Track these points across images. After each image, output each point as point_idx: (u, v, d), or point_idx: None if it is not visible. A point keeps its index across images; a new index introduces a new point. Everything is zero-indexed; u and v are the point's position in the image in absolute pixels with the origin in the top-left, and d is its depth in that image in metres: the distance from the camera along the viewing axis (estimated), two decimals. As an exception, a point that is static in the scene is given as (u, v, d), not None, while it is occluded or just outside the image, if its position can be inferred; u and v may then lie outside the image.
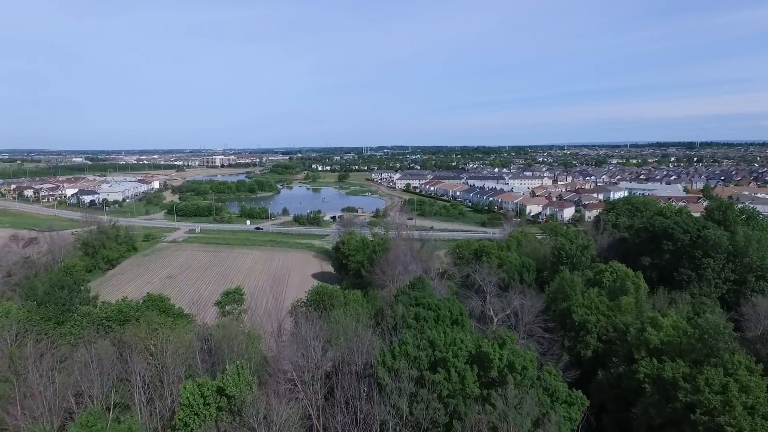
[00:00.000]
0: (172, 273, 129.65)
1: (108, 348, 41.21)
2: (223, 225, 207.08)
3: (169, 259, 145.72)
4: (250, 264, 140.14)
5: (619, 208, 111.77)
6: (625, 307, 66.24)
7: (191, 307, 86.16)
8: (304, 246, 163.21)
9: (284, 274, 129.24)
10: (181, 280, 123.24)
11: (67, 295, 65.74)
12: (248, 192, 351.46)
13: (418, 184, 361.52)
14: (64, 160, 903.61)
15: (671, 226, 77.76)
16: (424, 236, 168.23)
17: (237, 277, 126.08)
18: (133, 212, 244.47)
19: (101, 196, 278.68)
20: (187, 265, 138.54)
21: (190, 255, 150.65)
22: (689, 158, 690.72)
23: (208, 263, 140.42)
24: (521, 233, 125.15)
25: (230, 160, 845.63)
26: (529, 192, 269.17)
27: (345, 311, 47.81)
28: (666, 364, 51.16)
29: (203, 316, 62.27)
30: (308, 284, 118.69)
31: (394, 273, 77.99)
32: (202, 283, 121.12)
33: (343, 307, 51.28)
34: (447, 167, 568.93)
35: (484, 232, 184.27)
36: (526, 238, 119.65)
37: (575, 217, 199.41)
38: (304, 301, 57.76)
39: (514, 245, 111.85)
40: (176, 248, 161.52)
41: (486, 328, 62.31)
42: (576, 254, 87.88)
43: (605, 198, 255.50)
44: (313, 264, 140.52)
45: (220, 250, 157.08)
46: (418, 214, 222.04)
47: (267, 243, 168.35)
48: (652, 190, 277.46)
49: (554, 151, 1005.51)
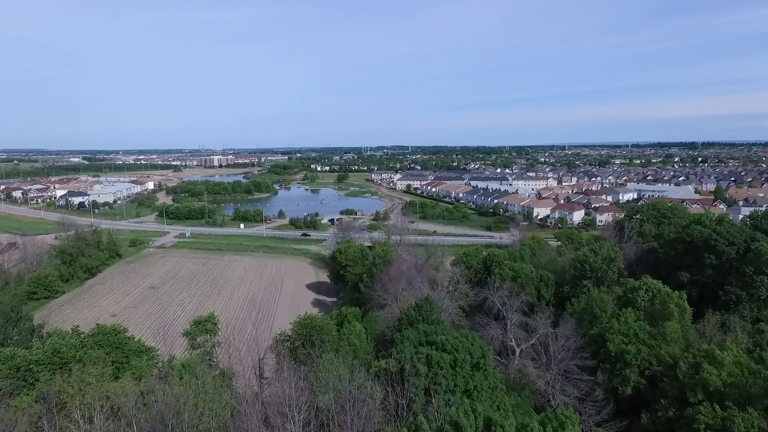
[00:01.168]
0: (156, 283, 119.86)
1: (30, 408, 31.39)
2: (215, 229, 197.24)
3: (154, 267, 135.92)
4: (241, 272, 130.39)
5: (644, 213, 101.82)
6: (671, 335, 56.30)
7: (161, 332, 76.72)
8: (299, 252, 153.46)
9: (277, 283, 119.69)
10: (164, 291, 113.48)
11: (1, 326, 55.25)
12: (244, 193, 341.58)
13: (419, 185, 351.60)
14: (61, 160, 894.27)
15: (713, 237, 67.98)
16: (427, 242, 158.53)
17: (226, 287, 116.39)
18: (123, 214, 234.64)
19: (91, 197, 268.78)
20: (172, 273, 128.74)
21: (178, 262, 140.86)
22: (693, 158, 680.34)
23: (196, 272, 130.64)
24: (535, 241, 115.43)
25: (228, 160, 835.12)
26: (534, 193, 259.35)
27: (338, 352, 38.02)
28: (734, 414, 41.47)
29: (171, 347, 52.53)
30: (302, 297, 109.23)
31: (396, 290, 68.34)
32: (187, 294, 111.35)
33: (336, 342, 41.59)
34: (448, 167, 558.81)
35: (491, 236, 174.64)
36: (539, 246, 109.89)
37: (585, 221, 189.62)
38: (289, 335, 48.05)
39: (527, 255, 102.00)
40: (163, 254, 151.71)
41: (507, 362, 52.58)
42: (601, 267, 78.09)
43: (614, 200, 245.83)
44: (308, 272, 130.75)
45: (209, 257, 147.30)
46: (419, 217, 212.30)
47: (260, 248, 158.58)
48: (662, 191, 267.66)
49: (555, 151, 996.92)
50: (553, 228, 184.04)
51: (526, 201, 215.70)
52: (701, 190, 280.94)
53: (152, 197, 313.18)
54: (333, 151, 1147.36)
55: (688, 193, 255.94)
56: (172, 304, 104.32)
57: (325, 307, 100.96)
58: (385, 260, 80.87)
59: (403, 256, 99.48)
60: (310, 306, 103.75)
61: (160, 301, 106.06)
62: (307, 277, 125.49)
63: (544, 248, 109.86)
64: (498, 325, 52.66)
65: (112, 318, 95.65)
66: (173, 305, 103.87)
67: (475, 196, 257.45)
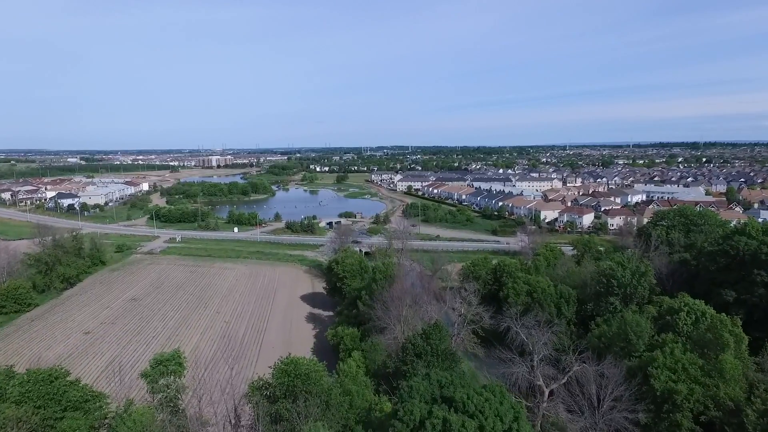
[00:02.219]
0: (139, 294, 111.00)
1: None
2: (208, 233, 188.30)
3: (139, 275, 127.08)
4: (232, 281, 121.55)
5: (670, 219, 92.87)
6: (730, 371, 47.31)
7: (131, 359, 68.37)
8: (295, 259, 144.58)
9: (269, 295, 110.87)
10: (146, 303, 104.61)
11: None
12: (241, 194, 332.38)
13: (420, 186, 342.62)
14: (59, 161, 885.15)
15: (764, 251, 59.25)
16: (431, 248, 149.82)
17: (214, 299, 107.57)
18: (114, 217, 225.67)
19: (81, 199, 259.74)
20: (158, 283, 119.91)
21: (165, 270, 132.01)
22: (697, 159, 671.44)
23: (184, 281, 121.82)
24: (548, 249, 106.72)
25: (227, 160, 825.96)
26: (539, 195, 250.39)
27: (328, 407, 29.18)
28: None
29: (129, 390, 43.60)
30: (296, 311, 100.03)
31: (400, 311, 59.58)
32: (171, 306, 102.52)
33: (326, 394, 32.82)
34: (449, 168, 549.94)
35: (497, 241, 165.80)
36: (554, 256, 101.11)
37: (596, 225, 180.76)
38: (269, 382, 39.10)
39: (542, 266, 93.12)
40: (151, 261, 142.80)
41: (534, 405, 43.76)
42: (630, 283, 69.24)
43: (623, 202, 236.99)
44: (303, 281, 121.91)
45: (199, 264, 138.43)
46: (421, 220, 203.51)
47: (253, 255, 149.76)
48: (672, 193, 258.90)
49: (556, 152, 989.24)
50: (563, 232, 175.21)
51: (533, 203, 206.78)
52: (712, 192, 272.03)
53: (146, 199, 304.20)
54: (333, 152, 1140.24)
55: (699, 194, 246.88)
56: (154, 319, 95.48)
57: (321, 323, 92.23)
58: (386, 275, 71.98)
59: (407, 267, 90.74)
60: (303, 321, 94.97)
61: (140, 315, 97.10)
62: (302, 287, 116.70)
63: (560, 258, 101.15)
64: (523, 362, 43.86)
65: (85, 336, 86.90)
66: (155, 320, 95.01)
67: (478, 198, 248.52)
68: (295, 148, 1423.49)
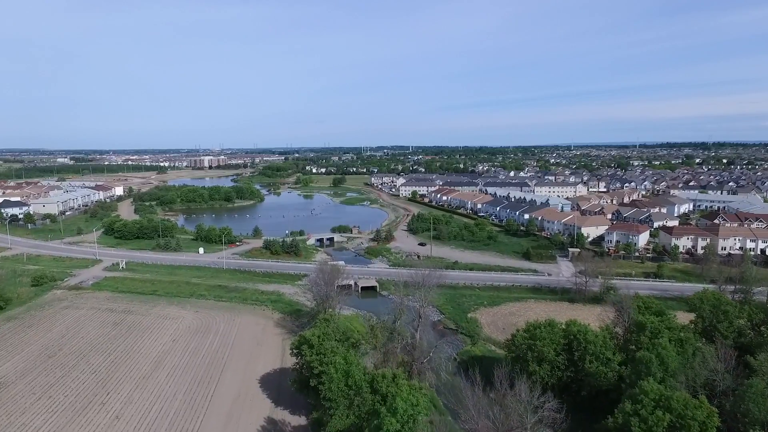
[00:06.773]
0: (17, 369, 73.13)
1: None
2: (166, 254, 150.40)
3: (39, 329, 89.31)
4: (167, 343, 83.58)
5: None
6: None
7: None
8: (266, 299, 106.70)
9: (214, 374, 72.75)
10: (16, 390, 66.67)
11: None
12: (224, 200, 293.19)
13: (426, 191, 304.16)
14: (49, 161, 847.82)
15: None
16: (449, 280, 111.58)
17: (125, 382, 69.66)
18: (61, 231, 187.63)
19: (31, 208, 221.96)
20: (58, 345, 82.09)
21: (80, 320, 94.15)
22: (717, 160, 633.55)
23: (98, 340, 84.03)
24: (645, 307, 68.81)
25: (220, 161, 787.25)
26: (569, 205, 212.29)
27: None
28: None
29: None
30: (247, 412, 59.53)
31: None
32: (48, 402, 64.42)
33: None
34: (455, 170, 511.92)
35: (533, 270, 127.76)
36: (669, 326, 62.92)
37: (657, 248, 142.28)
38: None
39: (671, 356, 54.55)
40: (69, 303, 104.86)
41: None
42: None
43: (670, 213, 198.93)
44: (270, 346, 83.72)
45: (132, 309, 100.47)
46: (433, 236, 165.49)
47: (212, 292, 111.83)
48: (723, 201, 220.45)
49: (562, 152, 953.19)
50: (615, 256, 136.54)
51: (568, 217, 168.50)
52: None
53: (112, 207, 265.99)
54: (332, 152, 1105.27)
55: (759, 203, 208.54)
56: (10, 427, 57.61)
57: (283, 446, 54.38)
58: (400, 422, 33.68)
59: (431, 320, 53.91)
60: (255, 440, 56.91)
61: (-10, 422, 59.15)
62: (267, 357, 78.63)
63: (667, 320, 62.62)
64: None
65: None
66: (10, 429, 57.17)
67: (497, 209, 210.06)
68: (294, 148, 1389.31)
